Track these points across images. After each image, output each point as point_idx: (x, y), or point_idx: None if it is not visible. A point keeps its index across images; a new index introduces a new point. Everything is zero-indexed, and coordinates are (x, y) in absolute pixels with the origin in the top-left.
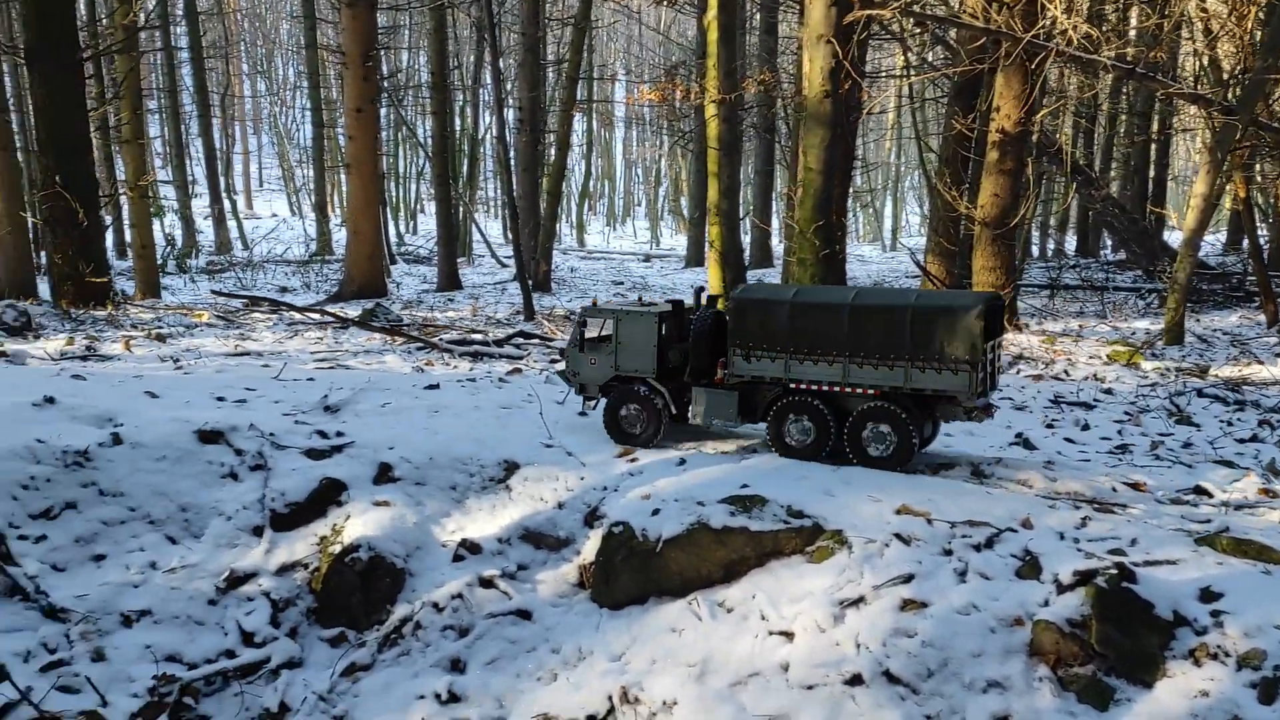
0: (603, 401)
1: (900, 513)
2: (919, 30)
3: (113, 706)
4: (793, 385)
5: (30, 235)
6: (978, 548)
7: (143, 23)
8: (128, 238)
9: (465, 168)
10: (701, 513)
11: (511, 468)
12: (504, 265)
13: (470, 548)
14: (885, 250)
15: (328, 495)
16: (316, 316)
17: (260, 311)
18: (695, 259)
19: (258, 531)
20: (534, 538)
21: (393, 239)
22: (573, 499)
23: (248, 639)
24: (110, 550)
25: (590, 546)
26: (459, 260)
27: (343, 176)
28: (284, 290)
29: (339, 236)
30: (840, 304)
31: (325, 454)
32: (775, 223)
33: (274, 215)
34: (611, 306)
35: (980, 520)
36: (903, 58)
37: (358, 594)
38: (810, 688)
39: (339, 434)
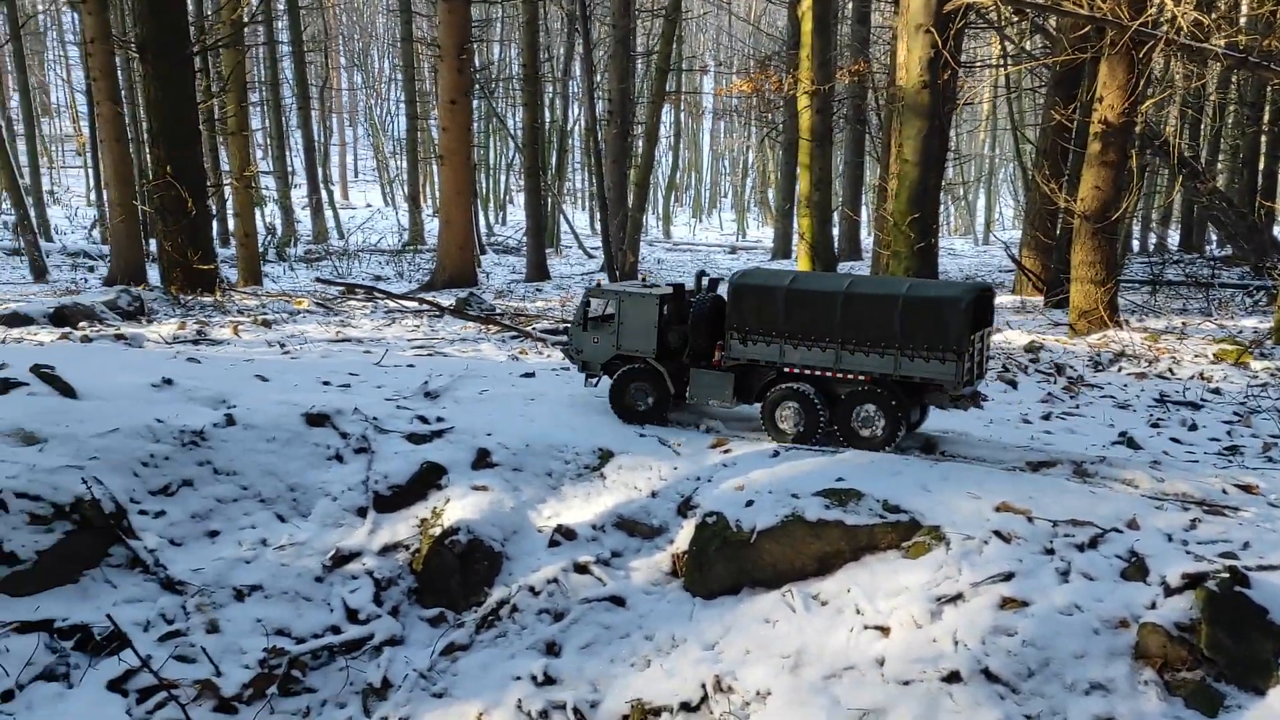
0: (605, 379)
1: (1000, 510)
2: (1017, 18)
3: (226, 677)
4: (786, 370)
5: (141, 223)
6: (1081, 547)
7: (248, 18)
8: (231, 226)
9: (554, 159)
10: (796, 505)
11: (606, 456)
12: (591, 256)
13: (565, 534)
14: (978, 244)
15: (428, 479)
16: (413, 305)
17: (356, 299)
18: (782, 251)
19: (361, 512)
20: (628, 525)
21: (482, 229)
22: (666, 488)
23: (352, 616)
24: (224, 527)
25: (684, 535)
26: (546, 251)
27: (435, 168)
28: (378, 279)
29: (430, 227)
30: (834, 291)
31: (426, 438)
32: (864, 214)
33: (368, 205)
34: (614, 287)
35: (1084, 520)
36: (999, 46)
37: (456, 576)
38: (906, 683)
39: (439, 419)
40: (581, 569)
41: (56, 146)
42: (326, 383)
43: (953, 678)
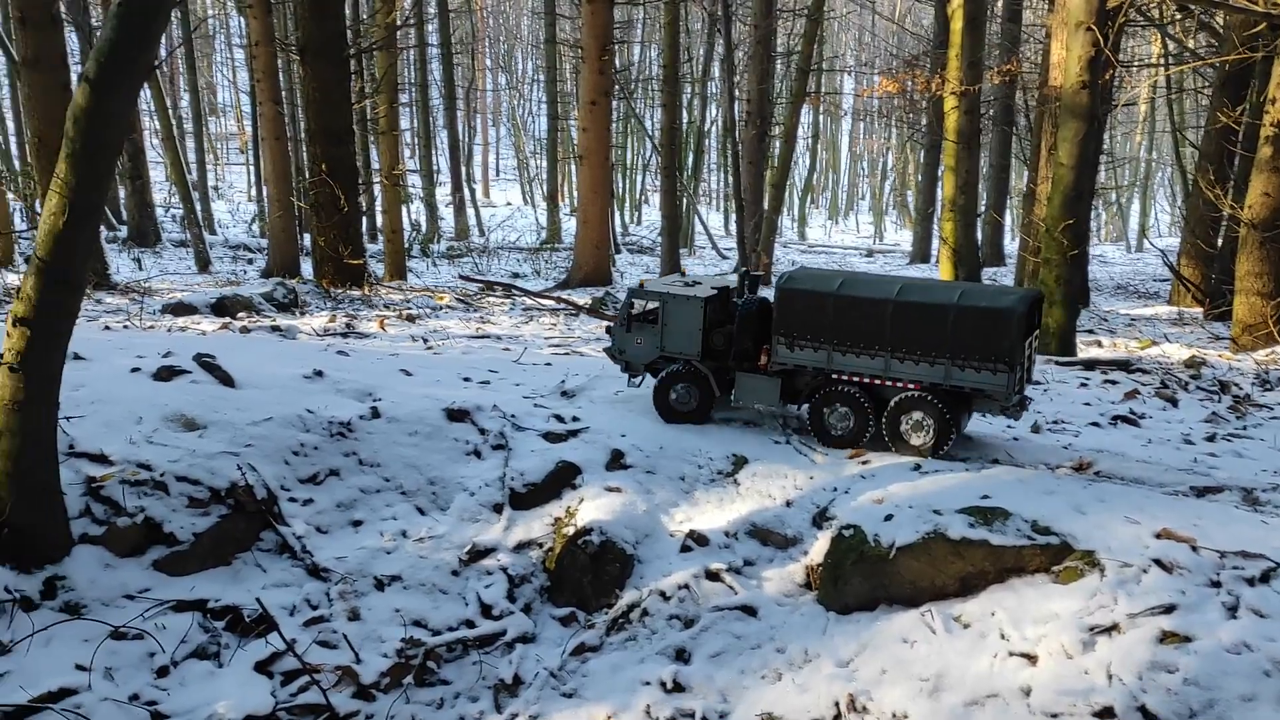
0: (649, 379)
1: (1161, 537)
2: (1181, 15)
3: (365, 664)
4: (834, 375)
5: (297, 219)
6: (1251, 581)
7: (401, 22)
8: (379, 222)
9: (691, 160)
10: (938, 522)
11: (740, 462)
12: (724, 257)
13: (698, 539)
14: (1130, 250)
15: (563, 478)
16: (549, 303)
17: (495, 296)
18: (920, 255)
19: (498, 509)
20: (761, 534)
21: (617, 229)
22: (801, 498)
23: (486, 611)
24: (367, 517)
25: (818, 548)
26: (680, 251)
27: (573, 167)
28: (516, 276)
29: (568, 226)
30: (884, 299)
31: (562, 437)
32: (1008, 219)
33: (508, 204)
34: (658, 288)
35: (1255, 552)
36: (1160, 45)
37: (588, 576)
38: (1054, 716)
39: (574, 419)
40: (713, 576)
41: (221, 144)
42: (467, 379)
43: (1105, 714)
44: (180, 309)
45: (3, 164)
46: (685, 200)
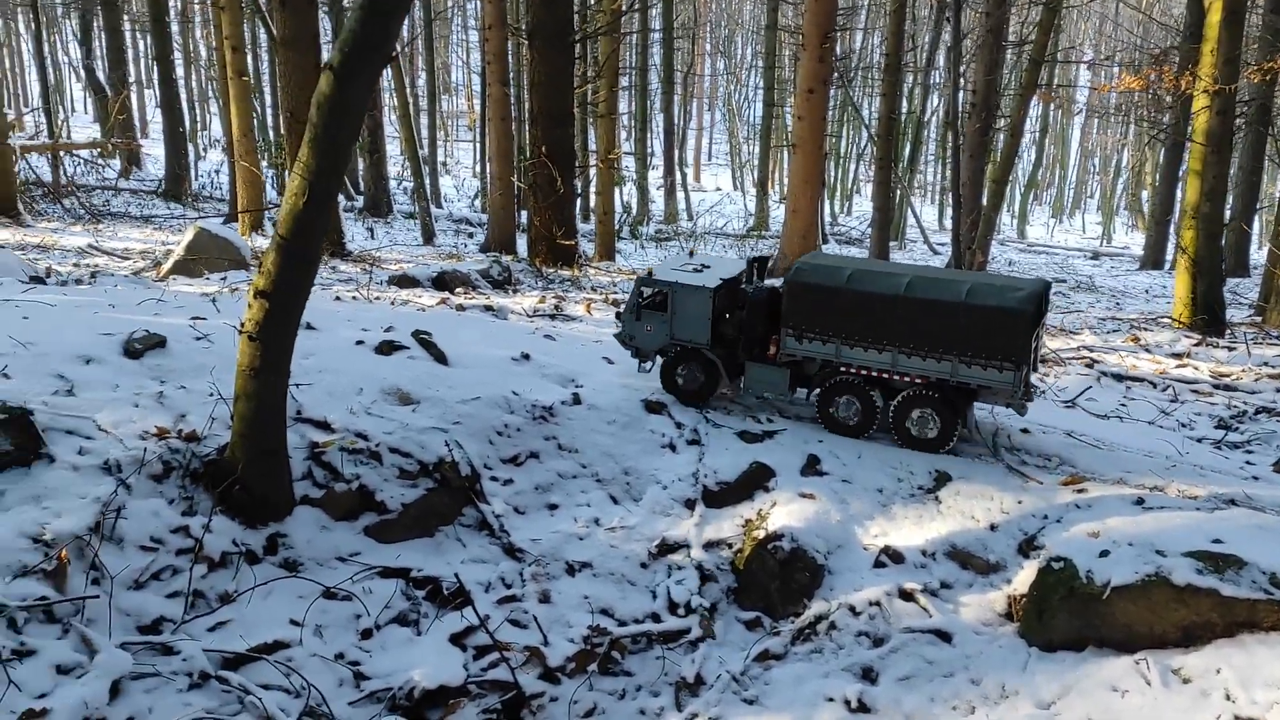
0: (658, 360)
1: None
2: None
3: (552, 647)
4: (842, 367)
5: (515, 197)
6: None
7: (626, 7)
8: (591, 203)
9: (907, 151)
10: (1161, 564)
11: (942, 478)
12: (936, 252)
13: (892, 556)
14: None
15: (756, 479)
16: None
17: None
18: (1152, 261)
19: (689, 504)
20: (960, 556)
21: (826, 219)
22: (1007, 522)
23: (672, 607)
24: (562, 501)
25: (1023, 577)
26: (890, 244)
27: (785, 155)
28: None
29: (775, 213)
30: (892, 295)
31: (757, 438)
32: (1255, 227)
33: (718, 189)
34: (668, 277)
35: None
36: None
37: (776, 582)
38: None
39: (770, 420)
40: (907, 596)
41: (452, 122)
42: None
43: None
44: (404, 281)
45: (259, 135)
46: (899, 192)
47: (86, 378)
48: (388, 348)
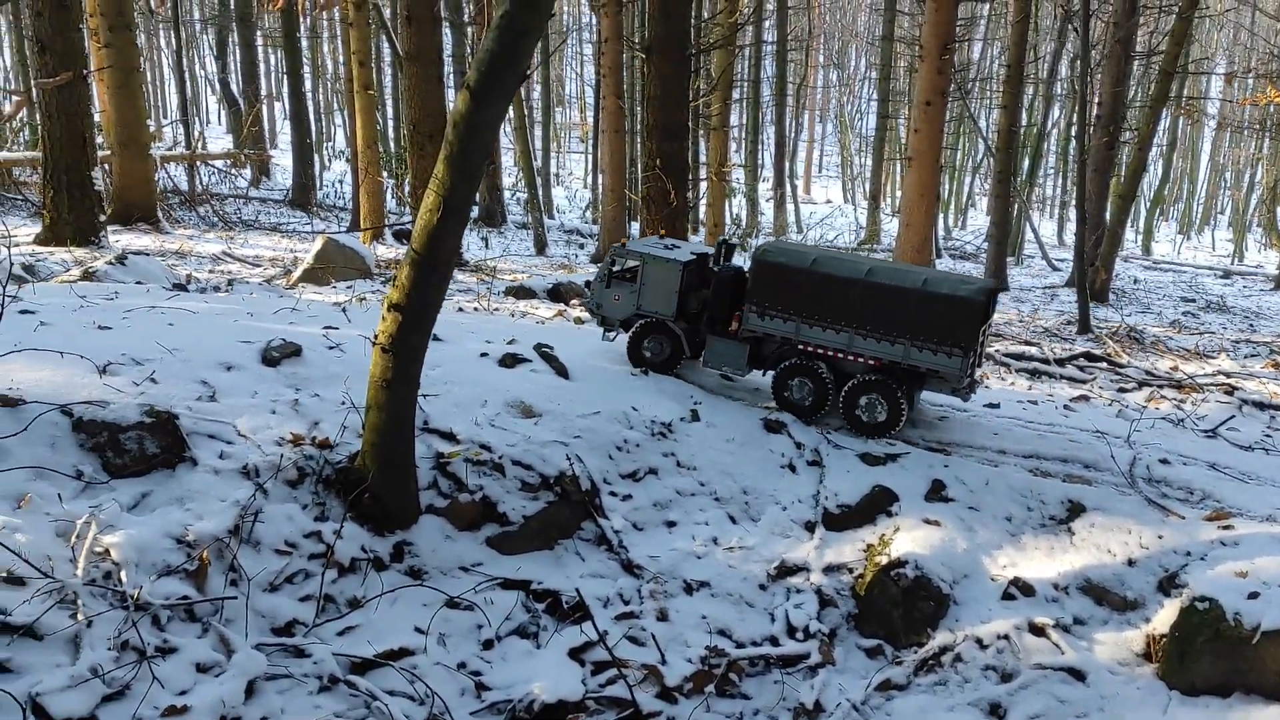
0: (623, 334)
1: None
2: None
3: (670, 666)
4: (800, 346)
5: (627, 209)
6: None
7: (743, 20)
8: (701, 215)
9: (1027, 164)
10: None
11: (1076, 509)
12: (1055, 269)
13: (1022, 588)
14: None
15: (878, 503)
16: None
17: None
18: None
19: (809, 527)
20: (1095, 592)
21: (940, 233)
22: (1146, 558)
23: (791, 630)
24: (680, 519)
25: (1164, 617)
26: (1007, 259)
27: (898, 167)
28: None
29: (888, 227)
30: (853, 278)
31: (879, 461)
32: None
33: (828, 201)
34: (640, 249)
35: None
36: None
37: (899, 610)
38: None
39: (891, 443)
40: (1037, 630)
41: (565, 133)
42: None
43: None
44: (521, 292)
45: (381, 147)
46: (1017, 206)
47: (228, 384)
48: (511, 360)
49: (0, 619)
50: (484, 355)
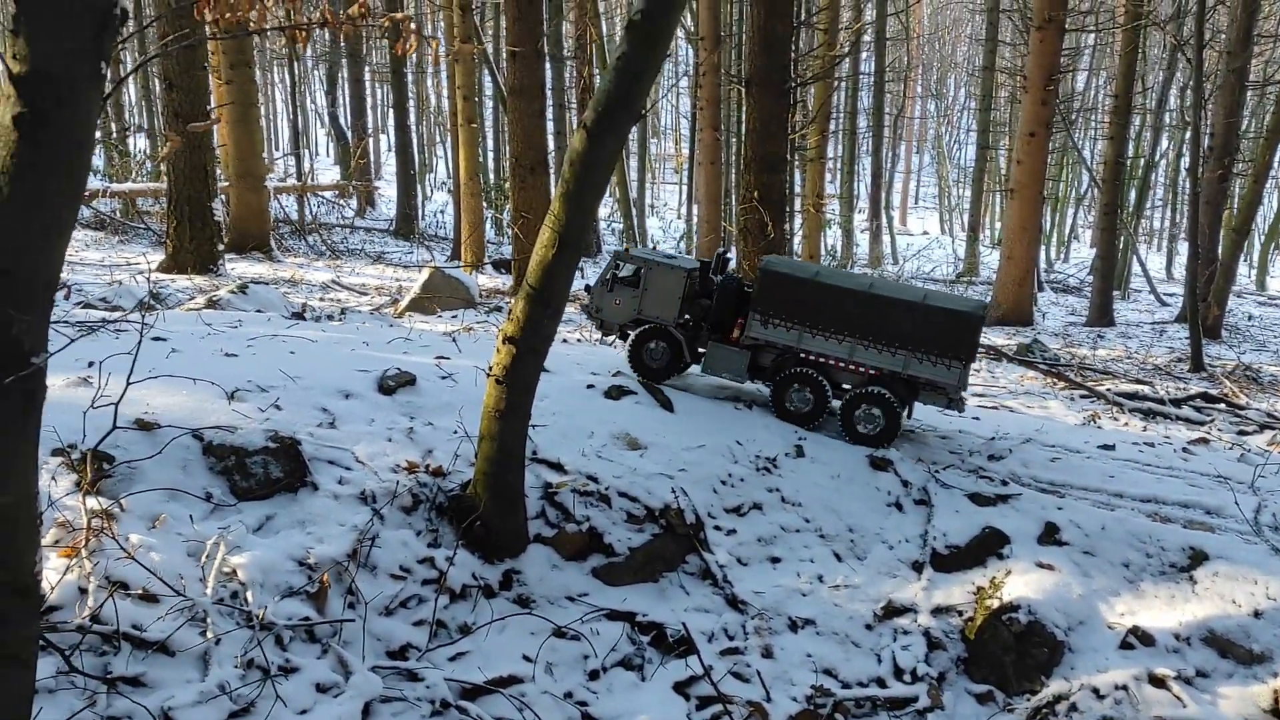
0: (626, 337)
1: None
2: None
3: (775, 704)
4: (802, 355)
5: (722, 240)
6: None
7: (842, 53)
8: (796, 247)
9: (1133, 196)
10: None
11: (1198, 557)
12: (1163, 304)
13: (1141, 637)
14: None
15: (989, 545)
16: None
17: None
18: None
19: (916, 567)
20: (1220, 644)
21: (1041, 266)
22: (1274, 610)
23: (898, 672)
24: (785, 555)
25: None
26: (1113, 293)
27: (996, 198)
28: None
29: (987, 259)
30: (857, 290)
31: (990, 501)
32: None
33: (924, 233)
34: (644, 254)
35: None
36: None
37: (1011, 655)
38: None
39: (1004, 483)
40: (1157, 682)
41: (660, 164)
42: None
43: None
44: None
45: (480, 178)
46: (1123, 239)
47: (346, 411)
48: (616, 392)
49: (136, 634)
50: (590, 387)
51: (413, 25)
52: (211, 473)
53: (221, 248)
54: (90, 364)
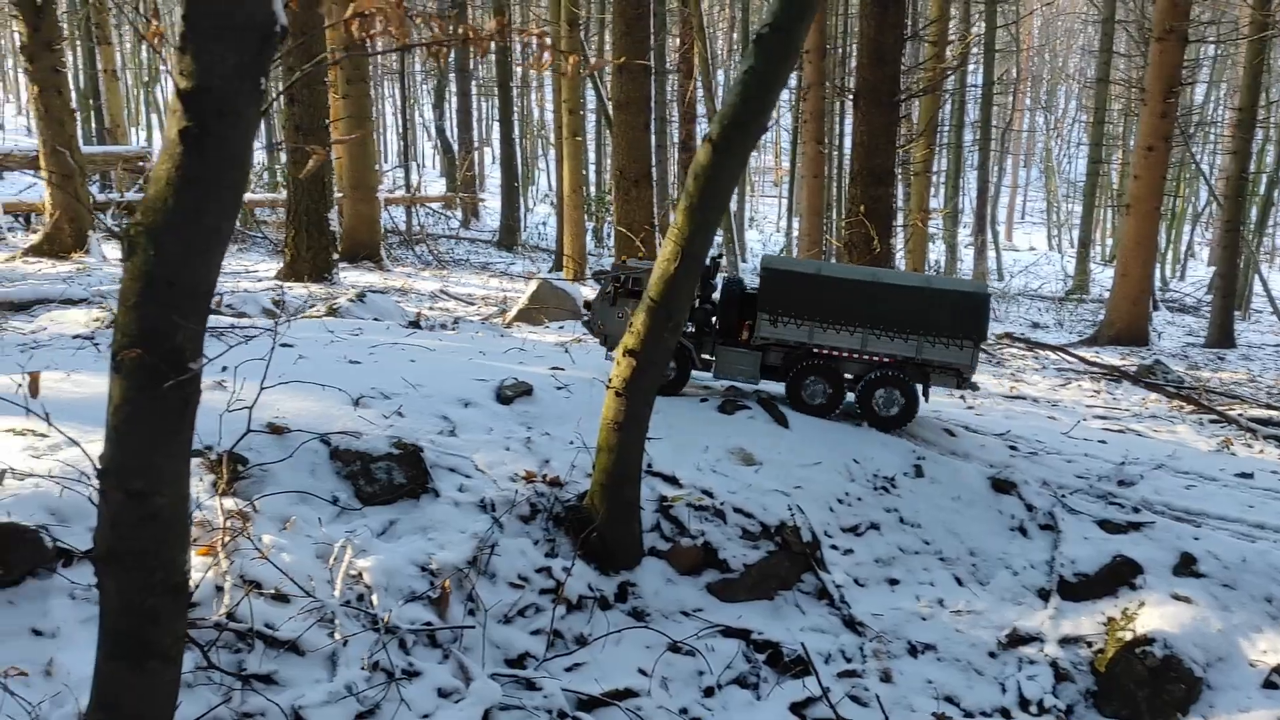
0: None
1: None
2: None
3: None
4: (815, 349)
5: (825, 254)
6: None
7: (952, 65)
8: (900, 262)
9: (1255, 213)
10: None
11: None
12: None
13: None
14: None
15: (1120, 575)
16: (1074, 362)
17: (1015, 348)
18: None
19: (1042, 594)
20: None
21: (1155, 284)
22: None
23: (1023, 703)
24: (903, 577)
25: None
26: (1234, 313)
27: (1108, 214)
28: (1035, 326)
29: (1098, 276)
30: (865, 280)
31: (1120, 529)
32: None
33: (1031, 249)
34: (645, 267)
35: None
36: None
37: (1144, 691)
38: None
39: (1135, 510)
40: None
41: (758, 177)
42: (1013, 448)
43: None
44: None
45: (585, 191)
46: (1244, 258)
47: (465, 420)
48: (730, 407)
49: (269, 633)
50: (703, 400)
51: (548, 41)
52: (338, 477)
53: (335, 256)
54: (224, 368)
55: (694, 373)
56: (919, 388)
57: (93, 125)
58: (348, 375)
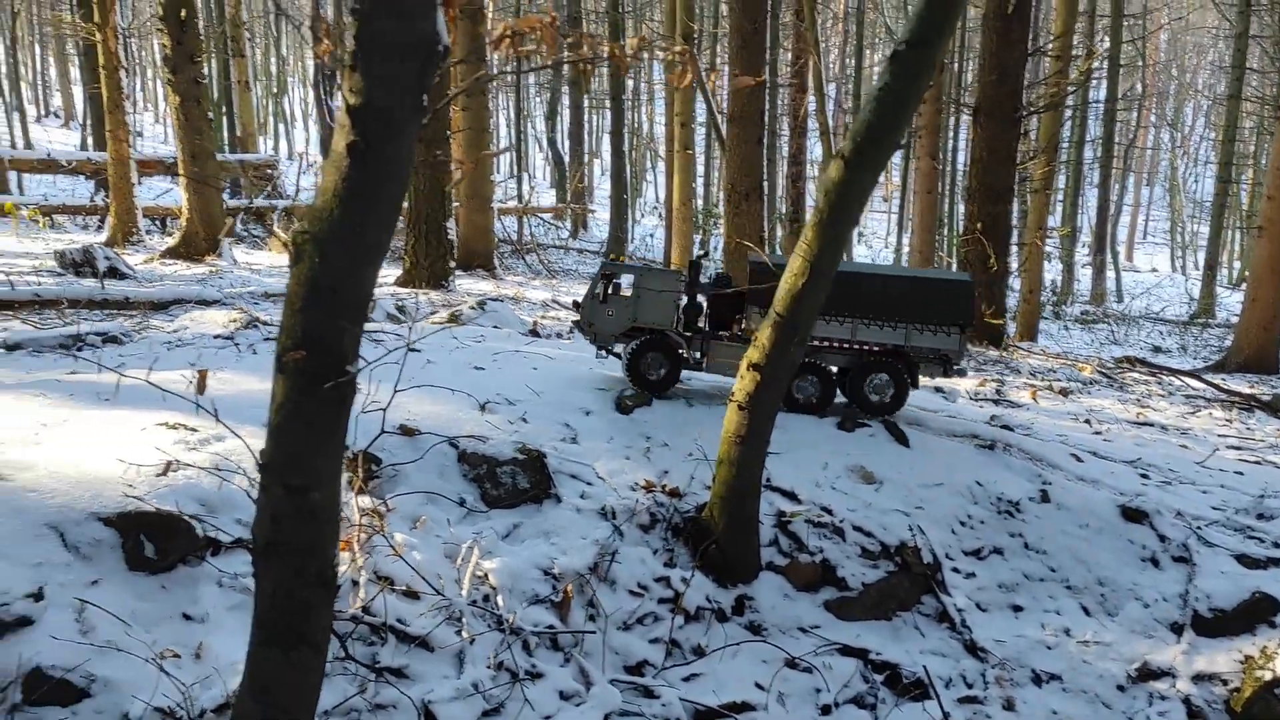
0: (619, 348)
1: None
2: None
3: None
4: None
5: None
6: None
7: (1076, 81)
8: (1014, 281)
9: None
10: None
11: None
12: None
13: None
14: None
15: (1259, 611)
16: (1202, 387)
17: (1137, 373)
18: None
19: (1175, 629)
20: None
21: None
22: None
23: None
24: (1027, 604)
25: None
26: None
27: (1237, 236)
28: (1156, 350)
29: (1225, 300)
30: (853, 272)
31: (1260, 564)
32: None
33: (1153, 270)
34: (633, 264)
35: None
36: None
37: None
38: None
39: (1275, 545)
40: None
41: None
42: (1145, 476)
43: None
44: None
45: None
46: None
47: (586, 428)
48: (851, 424)
49: (401, 628)
50: (822, 417)
51: (690, 57)
52: (465, 479)
53: (452, 264)
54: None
55: (685, 372)
56: (907, 376)
57: (224, 134)
58: (473, 380)
